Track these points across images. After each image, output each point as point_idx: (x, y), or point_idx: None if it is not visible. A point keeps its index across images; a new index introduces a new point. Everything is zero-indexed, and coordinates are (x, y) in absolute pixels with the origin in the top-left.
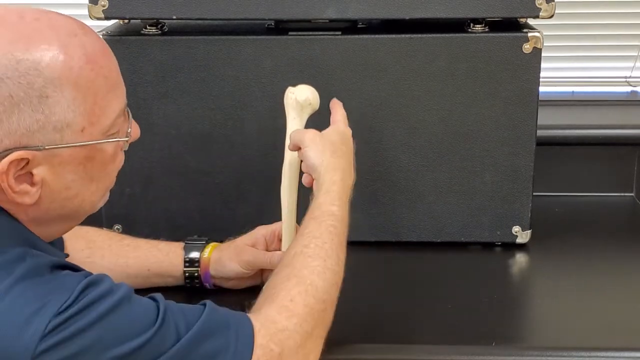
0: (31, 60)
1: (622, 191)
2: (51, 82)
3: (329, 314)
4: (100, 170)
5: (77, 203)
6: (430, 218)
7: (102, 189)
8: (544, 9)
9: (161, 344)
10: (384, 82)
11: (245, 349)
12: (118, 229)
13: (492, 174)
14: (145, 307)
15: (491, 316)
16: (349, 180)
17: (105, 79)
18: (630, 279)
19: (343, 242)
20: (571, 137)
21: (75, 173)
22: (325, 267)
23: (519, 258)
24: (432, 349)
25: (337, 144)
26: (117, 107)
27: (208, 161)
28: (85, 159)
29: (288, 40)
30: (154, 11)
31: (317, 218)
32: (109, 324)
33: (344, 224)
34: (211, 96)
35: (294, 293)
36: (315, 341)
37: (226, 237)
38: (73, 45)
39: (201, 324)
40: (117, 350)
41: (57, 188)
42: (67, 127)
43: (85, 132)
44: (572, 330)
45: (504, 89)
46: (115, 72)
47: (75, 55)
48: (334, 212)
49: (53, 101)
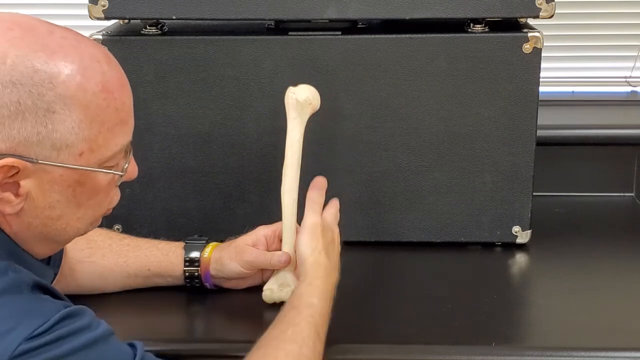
0: (48, 73)
1: (622, 191)
2: (62, 99)
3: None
4: (88, 198)
5: (61, 226)
6: (430, 218)
7: (90, 217)
8: (544, 9)
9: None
10: (384, 82)
11: None
12: (118, 229)
13: (492, 174)
14: (121, 351)
15: (491, 316)
16: (332, 279)
17: (116, 111)
18: (630, 279)
19: (321, 334)
20: (571, 137)
21: (62, 194)
22: (300, 354)
23: (519, 258)
24: (432, 349)
25: (329, 243)
26: (121, 142)
27: (208, 161)
28: (75, 182)
29: (288, 40)
30: (154, 11)
31: (297, 307)
32: (85, 356)
33: (323, 318)
34: (211, 96)
35: (268, 352)
36: None
37: (226, 237)
38: (93, 70)
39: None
40: None
41: (40, 205)
42: (66, 148)
43: (83, 157)
44: (572, 330)
45: (504, 89)
46: (129, 107)
47: (93, 80)
48: (314, 304)
49: (59, 118)
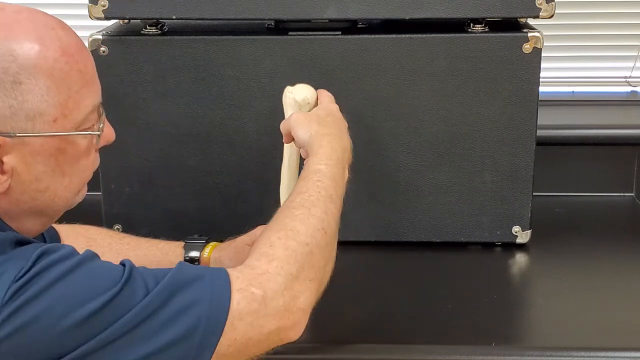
0: (7, 47)
1: (622, 191)
2: (25, 69)
3: (317, 257)
4: (72, 165)
5: (49, 197)
6: (430, 218)
7: (76, 184)
8: (544, 9)
9: (129, 299)
10: (384, 82)
11: (223, 296)
12: (118, 229)
13: (492, 174)
14: (110, 267)
15: (491, 316)
16: (339, 144)
17: (80, 73)
18: (630, 279)
19: (333, 197)
20: (571, 137)
21: (46, 164)
22: (309, 214)
23: (519, 258)
24: (432, 349)
25: (322, 116)
26: (91, 102)
27: (208, 161)
28: (56, 150)
29: (288, 40)
30: (154, 11)
31: (305, 177)
32: (68, 284)
33: (334, 181)
34: (211, 96)
35: (274, 239)
36: (304, 283)
37: (226, 237)
38: (50, 37)
39: (171, 277)
40: (81, 309)
41: (27, 178)
42: (40, 117)
43: (58, 123)
44: (572, 330)
45: (504, 89)
46: (91, 68)
47: (51, 47)
48: (321, 170)
49: (27, 88)
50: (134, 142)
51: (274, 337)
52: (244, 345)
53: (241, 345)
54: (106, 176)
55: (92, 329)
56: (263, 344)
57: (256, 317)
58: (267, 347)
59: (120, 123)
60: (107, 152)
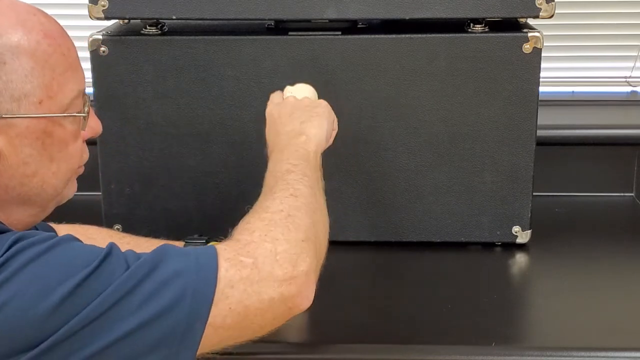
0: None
1: (622, 191)
2: (9, 49)
3: (299, 218)
4: (59, 150)
5: (38, 183)
6: (430, 218)
7: (64, 171)
8: (544, 9)
9: (108, 275)
10: (384, 82)
11: (210, 265)
12: (118, 229)
13: (492, 174)
14: (89, 248)
15: (491, 316)
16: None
17: (63, 55)
18: (630, 279)
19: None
20: (571, 137)
21: (32, 148)
22: (272, 193)
23: (519, 258)
24: (432, 349)
25: (282, 111)
26: (76, 87)
27: (208, 161)
28: (43, 133)
29: (288, 40)
30: (154, 11)
31: (271, 172)
32: (43, 265)
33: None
34: (211, 96)
35: (248, 219)
36: (296, 245)
37: (226, 236)
38: (32, 21)
39: (153, 252)
40: (58, 289)
41: (14, 162)
42: (25, 97)
43: (43, 105)
44: (572, 330)
45: (504, 89)
46: (74, 54)
47: (34, 30)
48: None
49: (10, 68)
50: (134, 142)
51: (279, 306)
52: (243, 316)
53: (240, 316)
54: (106, 176)
55: (71, 308)
56: (268, 313)
57: (249, 283)
58: (275, 318)
59: (120, 123)
60: (107, 152)
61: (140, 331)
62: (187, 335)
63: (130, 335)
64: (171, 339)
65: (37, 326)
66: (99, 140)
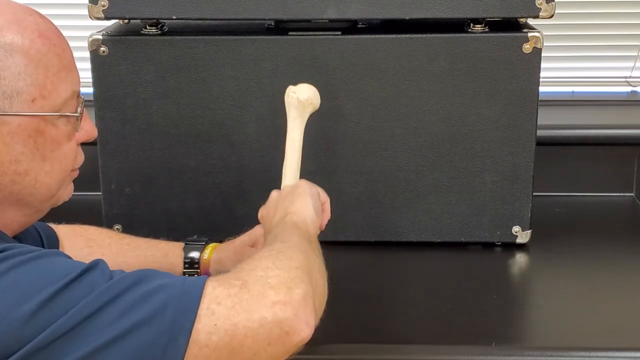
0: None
1: (622, 191)
2: (2, 47)
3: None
4: (52, 150)
5: (30, 182)
6: (430, 218)
7: (57, 172)
8: (544, 9)
9: (89, 285)
10: (384, 82)
11: (196, 282)
12: (118, 229)
13: (492, 174)
14: (73, 261)
15: (491, 316)
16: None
17: (57, 56)
18: (630, 279)
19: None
20: (571, 137)
21: (24, 146)
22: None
23: (519, 258)
24: (432, 349)
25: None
26: (70, 88)
27: (208, 161)
28: (35, 132)
29: (288, 40)
30: (154, 11)
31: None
32: (23, 272)
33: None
34: (211, 96)
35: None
36: (288, 271)
37: (226, 237)
38: (27, 20)
39: (139, 270)
40: (37, 296)
41: (6, 159)
42: (17, 95)
43: (36, 104)
44: (572, 330)
45: (504, 89)
46: (69, 55)
47: (29, 29)
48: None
49: (3, 65)
50: (134, 142)
51: (273, 329)
52: (231, 335)
53: (227, 335)
54: (106, 176)
55: (50, 314)
56: (260, 335)
57: (238, 300)
58: (270, 344)
59: (120, 123)
60: (107, 152)
61: (119, 341)
62: (170, 349)
63: (109, 345)
64: (153, 351)
65: (14, 332)
66: (99, 140)
